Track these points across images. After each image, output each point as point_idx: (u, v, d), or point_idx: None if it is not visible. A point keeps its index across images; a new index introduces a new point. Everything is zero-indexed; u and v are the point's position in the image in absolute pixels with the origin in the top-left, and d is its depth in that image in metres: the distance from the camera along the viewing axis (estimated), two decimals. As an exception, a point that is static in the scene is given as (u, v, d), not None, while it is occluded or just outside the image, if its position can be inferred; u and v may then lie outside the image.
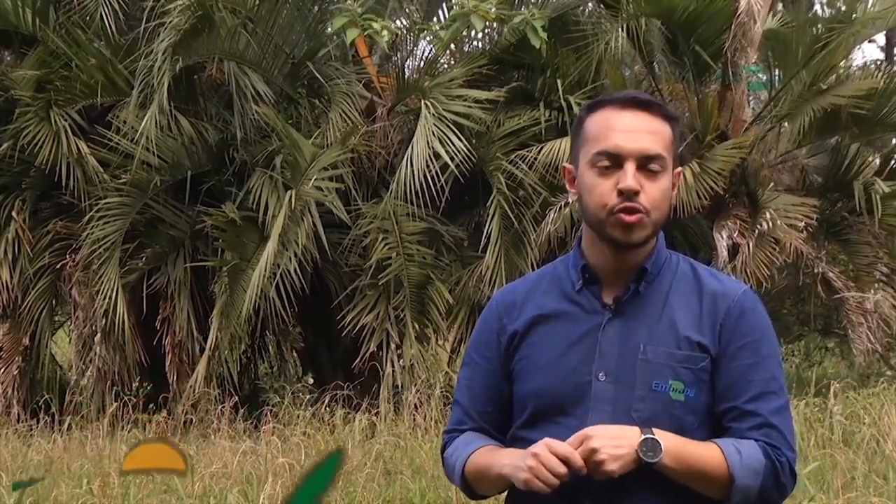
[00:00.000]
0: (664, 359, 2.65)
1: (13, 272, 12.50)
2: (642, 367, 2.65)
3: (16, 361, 12.43)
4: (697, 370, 2.64)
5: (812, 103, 12.20)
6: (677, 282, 2.74)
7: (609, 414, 2.63)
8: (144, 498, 7.87)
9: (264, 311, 11.62)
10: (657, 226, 2.69)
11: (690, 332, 2.66)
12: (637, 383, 2.64)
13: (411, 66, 14.14)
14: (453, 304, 12.05)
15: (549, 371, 2.71)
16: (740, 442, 2.60)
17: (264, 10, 12.99)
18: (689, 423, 2.63)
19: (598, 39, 12.89)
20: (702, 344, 2.65)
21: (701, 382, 2.64)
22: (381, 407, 10.79)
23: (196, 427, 10.92)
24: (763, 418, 2.62)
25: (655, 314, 2.70)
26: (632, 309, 2.70)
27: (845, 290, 11.90)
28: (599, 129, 2.69)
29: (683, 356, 2.65)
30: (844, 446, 8.85)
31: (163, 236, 12.55)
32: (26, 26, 13.15)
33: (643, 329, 2.68)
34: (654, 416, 2.61)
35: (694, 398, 2.63)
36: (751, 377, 2.65)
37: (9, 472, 8.58)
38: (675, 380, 2.63)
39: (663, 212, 2.69)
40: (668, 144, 2.70)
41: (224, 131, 12.84)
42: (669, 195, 2.69)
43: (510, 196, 12.02)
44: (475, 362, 2.88)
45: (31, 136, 12.35)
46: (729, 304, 2.68)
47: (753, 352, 2.67)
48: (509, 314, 2.82)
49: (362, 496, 7.73)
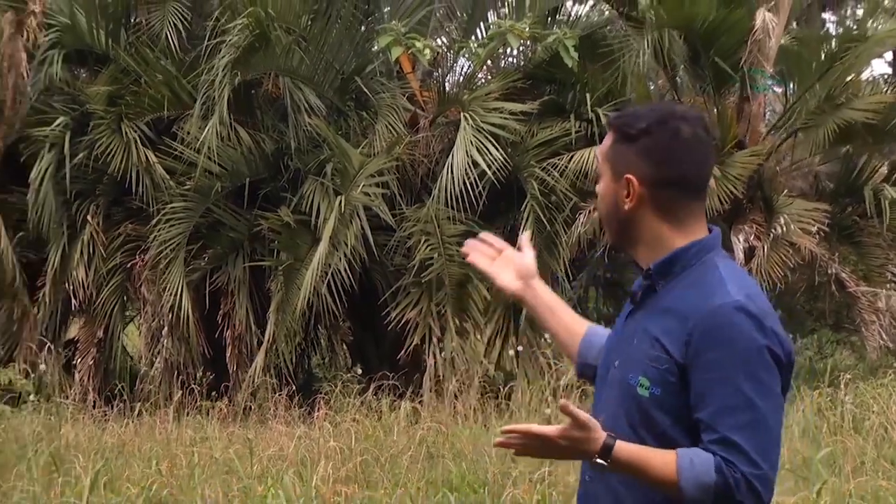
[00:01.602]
0: (640, 355, 2.63)
1: (88, 271, 12.53)
2: (628, 359, 2.67)
3: (91, 353, 12.47)
4: (662, 370, 2.58)
5: (831, 117, 12.15)
6: (686, 286, 2.68)
7: (609, 399, 2.70)
8: (208, 478, 7.83)
9: (316, 308, 11.62)
10: (612, 226, 2.77)
11: (661, 334, 2.61)
12: (623, 375, 2.67)
13: (451, 81, 14.18)
14: (490, 301, 12.03)
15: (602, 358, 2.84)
16: (700, 454, 2.51)
17: (316, 29, 13.00)
18: (660, 420, 2.59)
19: (624, 56, 12.89)
20: (666, 348, 2.58)
21: (667, 384, 2.57)
22: (424, 395, 10.81)
23: (255, 413, 10.95)
24: (720, 434, 2.51)
25: (658, 311, 2.68)
26: (647, 304, 2.73)
27: (857, 289, 11.85)
28: None
29: (653, 355, 2.60)
30: (855, 433, 8.81)
31: (223, 238, 12.58)
32: (100, 46, 13.24)
33: (643, 325, 2.69)
34: (628, 408, 2.62)
35: (660, 397, 2.58)
36: (714, 391, 2.53)
37: (86, 453, 8.53)
38: (643, 376, 2.60)
39: (605, 211, 2.77)
40: (604, 151, 2.76)
41: (279, 141, 12.85)
42: (609, 198, 2.73)
43: (543, 201, 12.02)
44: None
45: (104, 147, 12.43)
46: (702, 316, 2.58)
47: (719, 366, 2.54)
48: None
49: (407, 477, 7.71)
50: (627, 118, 2.76)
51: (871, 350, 11.68)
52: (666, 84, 13.23)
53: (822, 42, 14.19)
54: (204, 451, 8.78)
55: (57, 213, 12.70)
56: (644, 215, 2.69)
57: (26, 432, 9.13)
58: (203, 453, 8.71)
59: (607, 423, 2.61)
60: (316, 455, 8.35)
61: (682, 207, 2.69)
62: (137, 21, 13.58)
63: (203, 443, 9.22)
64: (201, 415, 10.70)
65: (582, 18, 14.19)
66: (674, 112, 2.75)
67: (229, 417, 10.83)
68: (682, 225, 2.70)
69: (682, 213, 2.70)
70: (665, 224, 2.69)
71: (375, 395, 10.43)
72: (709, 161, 2.80)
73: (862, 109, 12.16)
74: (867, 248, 12.40)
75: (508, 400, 10.56)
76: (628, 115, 2.79)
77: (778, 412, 2.58)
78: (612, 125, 2.77)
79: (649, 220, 2.69)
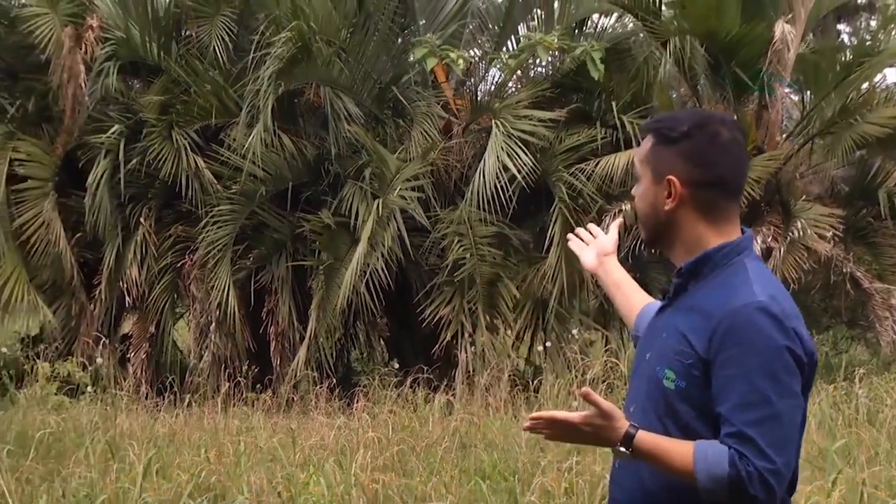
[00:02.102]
0: (667, 349, 2.64)
1: (141, 270, 12.60)
2: (656, 353, 2.69)
3: (144, 347, 12.55)
4: (687, 364, 2.58)
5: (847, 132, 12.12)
6: (715, 286, 2.67)
7: (642, 390, 2.70)
8: (253, 466, 7.83)
9: (355, 305, 11.66)
10: (649, 228, 2.75)
11: (687, 330, 2.61)
12: (651, 368, 2.68)
13: (483, 90, 14.14)
14: (520, 299, 12.04)
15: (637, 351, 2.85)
16: (715, 447, 2.50)
17: (355, 42, 13.03)
18: (684, 412, 2.58)
19: (647, 66, 12.90)
20: (692, 343, 2.58)
21: (691, 377, 2.57)
22: (457, 388, 10.78)
23: (297, 405, 10.98)
24: (737, 428, 2.49)
25: (687, 308, 2.68)
26: (677, 301, 2.73)
27: (871, 287, 11.79)
28: None
29: (679, 350, 2.60)
30: (869, 425, 8.74)
31: (267, 239, 12.61)
32: (152, 58, 13.31)
33: (672, 321, 2.69)
34: (655, 399, 2.63)
35: (685, 390, 2.58)
36: (732, 387, 2.52)
37: (139, 442, 8.56)
38: (669, 369, 2.61)
39: (645, 214, 2.74)
40: (643, 155, 2.74)
41: (320, 147, 12.88)
42: (649, 199, 2.72)
43: (570, 204, 12.00)
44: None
45: (156, 153, 12.51)
46: (724, 315, 2.57)
47: (738, 364, 2.53)
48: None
49: (441, 466, 7.70)
50: (667, 122, 2.76)
51: (885, 345, 11.62)
52: (688, 92, 13.18)
53: (838, 52, 14.13)
54: (249, 441, 8.80)
55: (112, 216, 12.78)
56: (684, 216, 2.69)
57: (84, 421, 9.20)
58: (249, 442, 8.73)
59: (636, 412, 2.65)
60: (355, 444, 8.35)
61: (721, 209, 2.69)
62: (187, 34, 13.67)
63: (249, 432, 9.24)
64: (247, 406, 10.75)
65: (607, 30, 14.14)
66: (712, 116, 2.76)
67: (273, 408, 10.83)
68: (718, 226, 2.69)
69: (720, 214, 2.69)
70: (703, 224, 2.69)
71: (411, 388, 10.42)
72: (745, 164, 2.81)
73: (876, 123, 12.11)
74: (881, 248, 12.34)
75: (537, 393, 10.54)
76: (668, 119, 2.79)
77: (796, 411, 2.55)
78: (651, 129, 2.77)
79: (688, 221, 2.69)
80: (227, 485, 7.40)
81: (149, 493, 7.02)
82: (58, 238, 12.61)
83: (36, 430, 8.49)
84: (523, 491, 6.94)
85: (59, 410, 9.48)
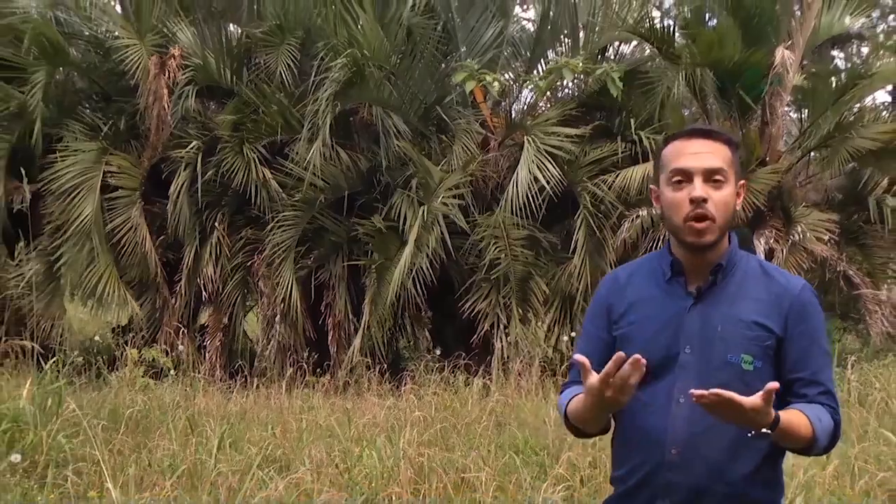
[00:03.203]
0: (737, 337, 2.65)
1: (215, 268, 12.68)
2: (719, 343, 2.65)
3: (218, 336, 12.64)
4: (764, 347, 2.65)
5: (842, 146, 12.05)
6: (748, 276, 2.74)
7: (693, 379, 2.63)
8: (314, 441, 7.89)
9: (403, 299, 11.68)
10: (724, 228, 2.70)
11: (758, 317, 2.67)
12: (714, 356, 2.65)
13: (517, 109, 14.12)
14: (549, 294, 12.04)
15: (647, 345, 2.69)
16: (819, 410, 2.62)
17: (403, 67, 13.05)
18: (757, 388, 2.53)
19: (662, 87, 12.84)
20: (768, 327, 2.66)
21: (766, 357, 2.65)
22: (493, 373, 10.78)
23: (352, 387, 11.00)
24: (825, 386, 2.67)
25: (729, 301, 2.69)
26: (710, 297, 2.71)
27: (863, 284, 11.71)
28: (673, 155, 2.73)
29: (753, 335, 2.65)
30: (859, 406, 8.74)
31: (326, 241, 12.65)
32: (226, 82, 13.40)
33: (719, 313, 2.68)
34: (729, 383, 2.56)
35: (761, 368, 2.64)
36: (812, 354, 2.68)
37: (214, 419, 8.63)
38: (746, 353, 2.64)
39: (728, 215, 2.70)
40: (728, 161, 2.70)
41: (372, 160, 12.90)
42: (733, 201, 2.71)
43: (593, 210, 11.99)
44: (589, 331, 2.90)
45: (228, 166, 12.57)
46: (793, 298, 2.69)
47: (812, 334, 2.68)
48: (615, 294, 2.85)
49: (479, 441, 7.74)
50: (727, 132, 2.80)
51: (875, 336, 11.53)
52: (698, 111, 13.13)
53: (832, 76, 14.05)
54: (310, 419, 8.85)
55: (191, 221, 12.87)
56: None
57: (167, 401, 9.26)
58: (310, 420, 8.79)
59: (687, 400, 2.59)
60: (403, 422, 8.37)
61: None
62: (256, 61, 13.71)
63: (309, 411, 9.28)
64: (308, 388, 10.82)
65: (626, 55, 14.11)
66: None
67: (331, 390, 10.90)
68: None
69: None
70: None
71: (452, 373, 10.44)
72: None
73: (867, 138, 12.03)
74: (871, 249, 12.25)
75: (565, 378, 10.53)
76: (724, 131, 2.81)
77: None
78: (725, 137, 2.75)
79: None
80: (291, 457, 7.47)
81: (223, 463, 7.09)
82: (144, 240, 12.71)
83: (126, 408, 8.56)
84: (552, 464, 6.98)
85: (145, 391, 9.52)
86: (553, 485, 6.38)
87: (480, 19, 13.36)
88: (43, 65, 13.03)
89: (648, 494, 2.73)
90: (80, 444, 7.32)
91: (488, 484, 6.52)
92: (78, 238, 12.57)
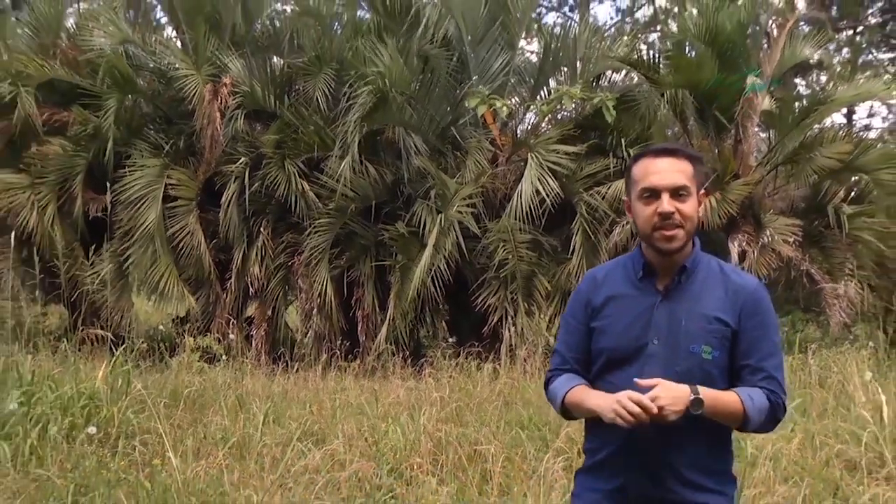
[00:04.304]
0: (699, 330, 2.64)
1: (261, 267, 12.72)
2: (683, 335, 2.65)
3: (263, 326, 12.68)
4: (721, 338, 2.65)
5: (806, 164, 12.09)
6: (708, 276, 2.73)
7: (660, 367, 2.63)
8: (346, 417, 7.93)
9: (423, 295, 11.70)
10: (690, 234, 2.70)
11: (717, 313, 2.66)
12: (678, 347, 2.64)
13: (521, 130, 14.12)
14: (550, 290, 12.00)
15: (620, 336, 2.71)
16: (752, 390, 2.61)
17: (422, 93, 13.09)
18: (715, 375, 2.63)
19: (649, 110, 12.85)
20: (725, 321, 2.65)
21: (723, 347, 2.65)
22: (502, 359, 10.80)
23: (379, 371, 11.05)
24: (768, 372, 2.64)
25: (692, 299, 2.69)
26: (676, 294, 2.71)
27: (823, 281, 11.68)
28: (642, 174, 2.70)
29: (712, 329, 2.64)
30: (819, 387, 8.68)
31: (356, 244, 12.68)
32: (270, 106, 13.45)
33: (683, 309, 2.67)
34: (691, 370, 2.61)
35: (718, 357, 2.64)
36: (759, 344, 2.66)
37: (260, 398, 8.71)
38: (706, 344, 2.63)
39: (693, 224, 2.71)
40: (690, 176, 2.69)
41: (396, 174, 12.93)
42: (696, 211, 2.71)
43: (588, 218, 11.98)
44: (569, 324, 2.88)
45: (272, 179, 12.63)
46: (747, 295, 2.68)
47: (762, 327, 2.67)
48: (593, 291, 2.82)
49: (489, 419, 7.76)
50: (688, 149, 2.79)
51: (833, 326, 11.48)
52: (680, 131, 13.11)
53: (795, 101, 14.08)
54: (342, 398, 8.89)
55: (239, 227, 12.94)
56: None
57: (219, 382, 9.34)
58: (342, 399, 8.83)
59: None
60: (423, 401, 8.43)
61: None
62: (296, 88, 13.77)
63: (342, 392, 9.32)
64: (340, 372, 10.85)
65: (617, 82, 14.10)
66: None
67: (360, 374, 10.93)
68: None
69: None
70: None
71: (466, 359, 10.46)
72: None
73: (826, 156, 12.06)
74: (830, 250, 12.19)
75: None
76: (684, 147, 2.81)
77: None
78: (687, 154, 2.74)
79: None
80: (326, 431, 7.52)
81: (267, 436, 7.17)
82: (199, 243, 12.79)
83: (184, 388, 8.65)
84: (553, 438, 6.98)
85: (200, 374, 9.59)
86: (554, 456, 6.39)
87: (490, 51, 13.36)
88: (115, 93, 13.17)
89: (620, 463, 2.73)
90: (145, 419, 7.41)
91: (497, 455, 6.54)
92: (143, 241, 12.67)
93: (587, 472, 2.85)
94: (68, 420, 7.05)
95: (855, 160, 12.12)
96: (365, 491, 6.13)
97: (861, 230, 12.01)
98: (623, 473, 2.72)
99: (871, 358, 9.79)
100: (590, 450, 2.86)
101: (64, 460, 6.49)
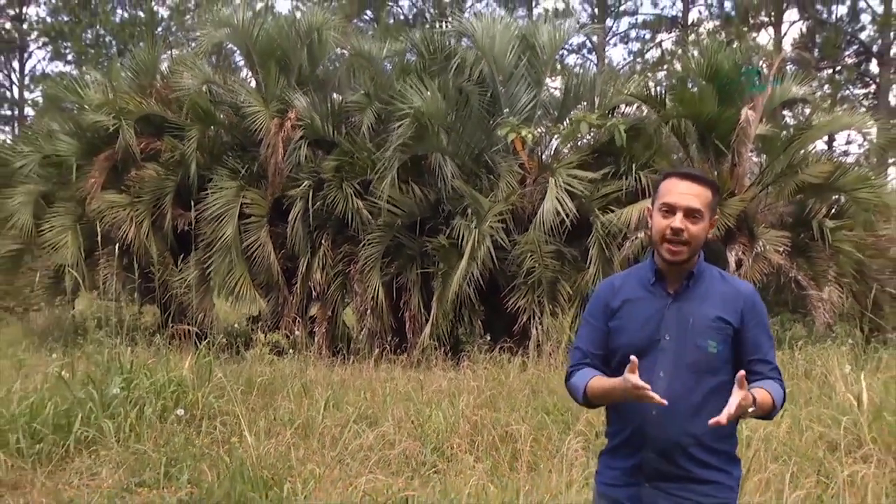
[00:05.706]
0: (705, 328, 2.65)
1: (322, 274, 12.76)
2: (691, 332, 2.66)
3: (324, 325, 12.69)
4: (724, 335, 2.65)
5: (791, 180, 12.01)
6: (711, 282, 2.76)
7: (671, 360, 2.65)
8: (395, 403, 7.96)
9: (461, 298, 11.72)
10: (694, 252, 2.72)
11: (720, 313, 2.67)
12: (687, 342, 2.65)
13: (546, 155, 14.09)
14: (572, 294, 11.93)
15: (635, 333, 2.72)
16: (771, 384, 2.62)
17: (458, 122, 13.10)
18: (719, 366, 2.63)
19: (656, 138, 12.79)
20: (727, 320, 2.67)
21: (726, 342, 2.65)
22: (530, 354, 10.77)
23: (423, 363, 11.07)
24: (773, 364, 2.68)
25: (699, 300, 2.70)
26: (685, 297, 2.72)
27: (808, 287, 11.55)
28: (666, 190, 2.73)
29: (717, 326, 2.65)
30: (805, 379, 8.60)
31: (403, 254, 12.71)
32: (329, 135, 13.51)
33: (691, 309, 2.69)
34: (698, 362, 2.62)
35: (722, 351, 2.64)
36: (762, 339, 2.70)
37: (321, 386, 8.79)
38: (711, 340, 2.64)
39: (699, 242, 2.73)
40: (707, 203, 2.71)
41: (438, 193, 12.95)
42: (705, 233, 2.73)
43: (603, 233, 11.91)
44: (590, 323, 2.86)
45: (332, 198, 12.69)
46: (745, 298, 2.71)
47: (761, 325, 2.71)
48: (612, 294, 2.82)
49: (519, 405, 7.78)
50: (710, 178, 2.80)
51: (818, 325, 11.36)
52: (684, 156, 13.05)
53: (783, 130, 14.00)
54: (392, 386, 8.93)
55: (304, 239, 12.98)
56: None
57: (286, 372, 9.43)
58: (392, 387, 8.86)
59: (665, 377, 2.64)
60: (461, 390, 8.45)
61: None
62: (351, 119, 13.86)
63: (392, 381, 9.35)
64: (390, 364, 10.89)
65: (629, 114, 14.06)
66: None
67: (408, 366, 10.95)
68: None
69: None
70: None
71: (499, 353, 10.46)
72: None
73: (810, 175, 11.96)
74: (814, 259, 12.04)
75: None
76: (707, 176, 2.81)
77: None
78: (709, 183, 2.76)
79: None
80: (378, 415, 7.56)
81: (328, 419, 7.23)
82: (269, 254, 12.87)
83: (257, 377, 8.73)
84: (574, 422, 6.99)
85: (270, 365, 9.68)
86: (575, 437, 6.38)
87: (519, 87, 13.35)
88: (197, 125, 13.37)
89: (636, 444, 2.74)
90: (224, 403, 7.50)
91: (526, 437, 6.55)
92: (222, 252, 12.78)
93: (608, 453, 2.86)
94: (161, 403, 7.17)
95: (835, 181, 12.00)
96: (411, 466, 6.19)
97: (842, 242, 11.86)
98: (639, 453, 2.73)
99: (850, 353, 9.68)
100: (610, 433, 2.86)
101: (157, 437, 6.61)
